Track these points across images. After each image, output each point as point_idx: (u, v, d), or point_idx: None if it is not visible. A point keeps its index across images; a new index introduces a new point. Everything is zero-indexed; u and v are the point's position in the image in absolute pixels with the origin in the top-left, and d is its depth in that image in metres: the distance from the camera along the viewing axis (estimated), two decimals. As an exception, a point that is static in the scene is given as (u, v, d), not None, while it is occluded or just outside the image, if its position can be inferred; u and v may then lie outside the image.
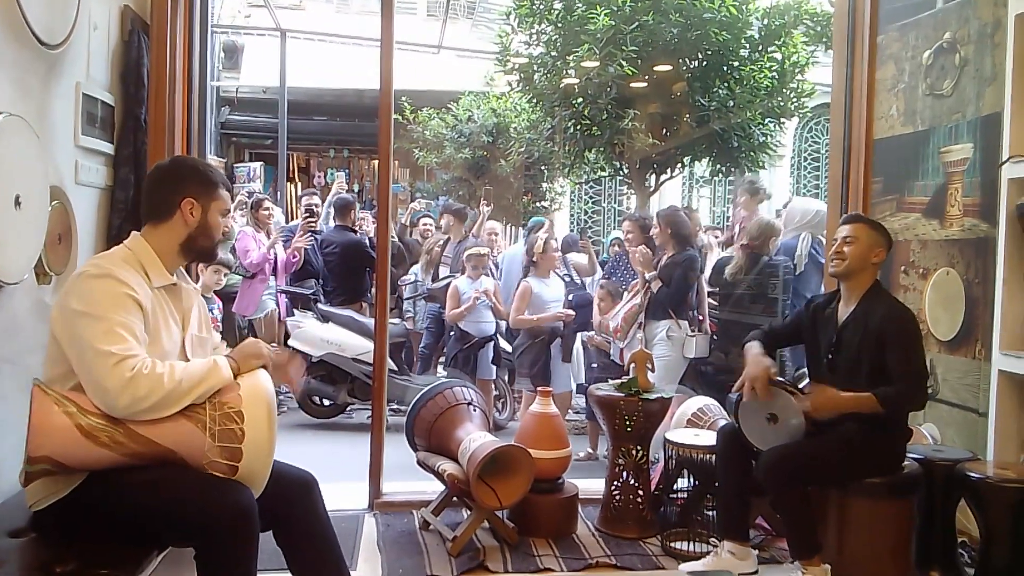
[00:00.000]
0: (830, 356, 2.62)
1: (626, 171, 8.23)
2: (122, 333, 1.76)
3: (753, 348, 2.72)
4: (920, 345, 2.53)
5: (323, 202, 6.51)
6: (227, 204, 2.06)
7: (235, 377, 1.88)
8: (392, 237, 5.11)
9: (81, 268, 1.88)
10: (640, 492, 3.07)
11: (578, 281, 5.51)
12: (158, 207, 1.99)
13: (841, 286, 2.67)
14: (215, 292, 4.35)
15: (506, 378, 5.60)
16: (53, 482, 1.80)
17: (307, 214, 5.73)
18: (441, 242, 6.11)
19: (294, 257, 5.53)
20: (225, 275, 4.38)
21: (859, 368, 2.53)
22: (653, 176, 8.18)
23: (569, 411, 5.29)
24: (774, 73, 7.26)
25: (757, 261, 4.42)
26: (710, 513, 2.98)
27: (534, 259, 4.84)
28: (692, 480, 3.08)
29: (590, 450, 4.68)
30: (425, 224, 6.98)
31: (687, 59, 7.24)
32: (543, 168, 9.53)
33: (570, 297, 5.22)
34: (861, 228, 2.61)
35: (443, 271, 5.89)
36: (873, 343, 2.50)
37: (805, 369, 3.02)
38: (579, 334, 5.14)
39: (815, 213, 4.42)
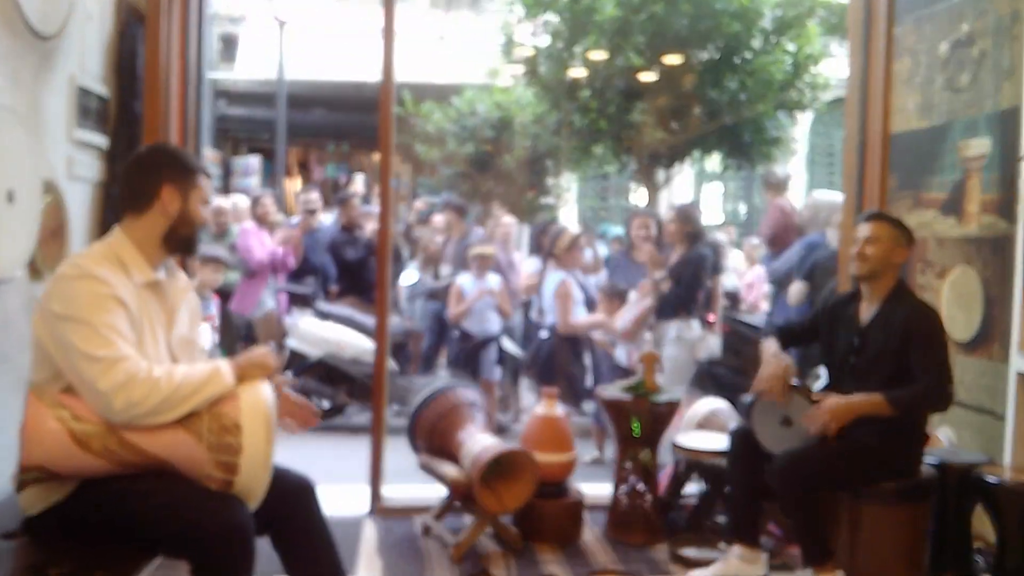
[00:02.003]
0: (852, 359, 2.57)
1: (634, 166, 8.17)
2: (109, 336, 1.72)
3: (771, 346, 2.66)
4: (944, 346, 2.48)
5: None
6: (207, 193, 2.00)
7: (238, 384, 1.83)
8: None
9: (60, 269, 1.84)
10: (648, 497, 3.03)
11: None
12: (138, 196, 1.92)
13: (863, 287, 2.61)
14: (213, 290, 4.30)
15: (510, 379, 5.54)
16: (46, 488, 1.78)
17: (306, 211, 5.67)
18: (441, 240, 6.04)
19: (287, 255, 5.47)
20: (223, 273, 4.32)
21: (883, 370, 2.48)
22: (662, 171, 8.12)
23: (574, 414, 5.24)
24: (788, 66, 7.18)
25: None
26: (720, 518, 2.93)
27: (554, 253, 4.63)
28: (702, 484, 3.03)
29: (596, 453, 4.62)
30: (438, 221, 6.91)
31: (698, 50, 7.19)
32: (548, 163, 9.48)
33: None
34: (883, 227, 2.54)
35: (444, 269, 5.82)
36: (898, 344, 2.45)
37: (820, 368, 2.96)
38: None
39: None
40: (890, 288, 2.54)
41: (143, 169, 1.96)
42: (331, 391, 5.33)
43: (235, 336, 5.24)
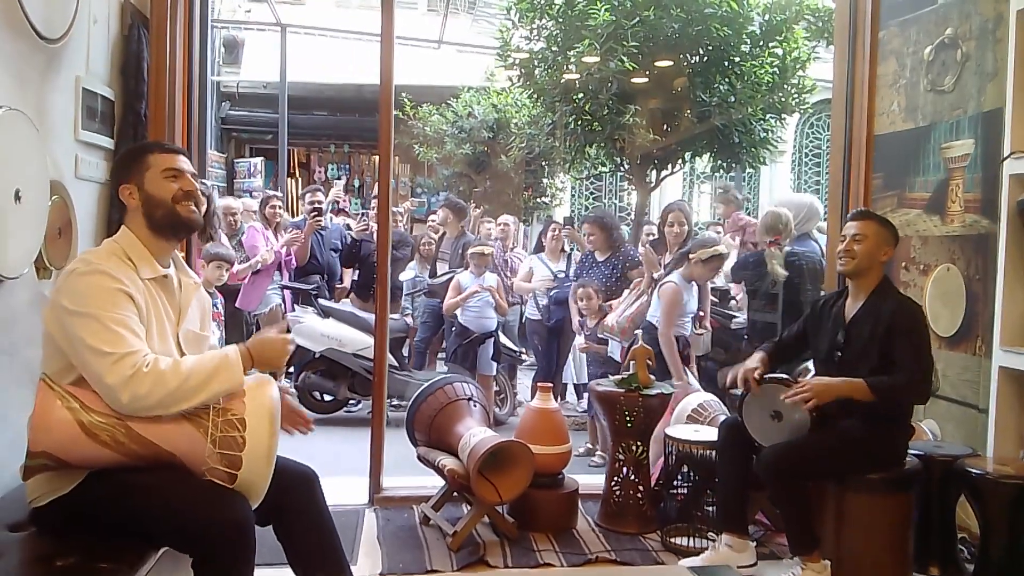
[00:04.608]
0: (839, 353, 2.61)
1: (627, 167, 8.22)
2: (118, 330, 1.74)
3: (753, 356, 2.75)
4: (927, 338, 2.52)
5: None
6: (163, 164, 1.96)
7: (247, 371, 1.85)
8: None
9: (71, 265, 1.86)
10: (640, 488, 3.08)
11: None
12: (115, 205, 2.04)
13: (849, 283, 2.67)
14: (217, 288, 4.34)
15: (506, 374, 5.60)
16: (53, 479, 1.79)
17: (313, 211, 5.71)
18: (437, 237, 6.09)
19: (288, 255, 5.53)
20: (227, 270, 4.37)
21: (868, 363, 2.52)
22: (654, 172, 8.18)
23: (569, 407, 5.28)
24: (775, 69, 7.25)
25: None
26: (710, 508, 2.98)
27: (689, 256, 4.03)
28: (692, 476, 3.08)
29: (589, 445, 4.68)
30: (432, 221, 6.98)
31: (688, 54, 7.23)
32: (544, 164, 9.54)
33: (552, 293, 5.21)
34: (870, 225, 2.59)
35: (440, 267, 5.87)
36: (883, 337, 2.49)
37: (809, 364, 3.01)
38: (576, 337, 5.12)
39: (808, 207, 4.32)
40: (875, 284, 2.59)
41: (110, 180, 2.05)
42: (333, 385, 5.39)
43: (243, 333, 5.30)
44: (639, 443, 3.08)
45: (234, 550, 1.73)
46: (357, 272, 6.14)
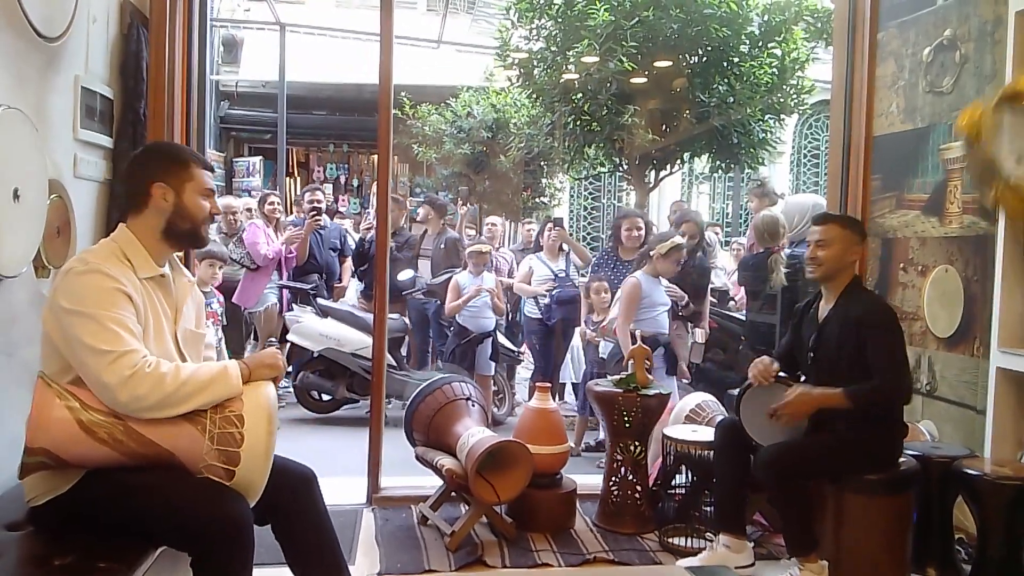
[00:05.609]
0: (812, 352, 2.63)
1: (626, 167, 8.23)
2: (115, 330, 1.74)
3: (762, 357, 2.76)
4: (899, 338, 2.51)
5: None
6: (205, 183, 1.98)
7: (245, 383, 1.86)
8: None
9: (68, 265, 1.86)
10: (638, 488, 3.08)
11: (573, 277, 5.50)
12: (133, 196, 1.96)
13: (822, 286, 2.69)
14: (215, 286, 4.34)
15: (504, 374, 5.60)
16: (51, 478, 1.79)
17: (312, 210, 5.71)
18: (419, 234, 6.09)
19: (290, 254, 5.54)
20: (220, 268, 4.35)
21: (840, 362, 2.54)
22: (653, 172, 8.19)
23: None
24: (774, 69, 7.27)
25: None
26: (708, 509, 2.99)
27: (650, 253, 4.20)
28: (690, 476, 3.09)
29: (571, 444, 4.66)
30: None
31: (687, 55, 7.25)
32: (543, 164, 9.55)
33: (554, 292, 5.21)
34: (833, 228, 2.60)
35: (422, 264, 5.87)
36: (852, 337, 2.51)
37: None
38: (576, 330, 5.13)
39: (813, 207, 4.33)
40: (845, 284, 2.60)
41: (136, 169, 1.99)
42: (331, 385, 5.38)
43: (242, 331, 5.29)
44: (637, 443, 3.08)
45: (232, 547, 1.73)
46: (365, 273, 6.10)
